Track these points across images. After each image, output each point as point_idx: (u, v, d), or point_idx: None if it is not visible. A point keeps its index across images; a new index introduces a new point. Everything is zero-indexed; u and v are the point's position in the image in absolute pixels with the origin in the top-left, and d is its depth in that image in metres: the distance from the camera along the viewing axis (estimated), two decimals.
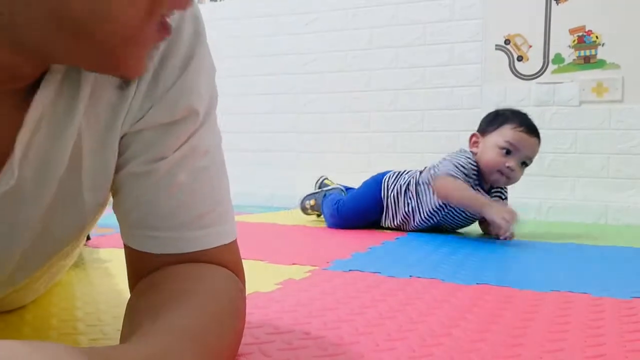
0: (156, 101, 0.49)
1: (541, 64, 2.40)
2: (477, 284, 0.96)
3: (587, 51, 2.33)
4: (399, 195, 1.77)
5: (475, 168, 1.66)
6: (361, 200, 1.84)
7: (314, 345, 0.60)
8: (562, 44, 2.37)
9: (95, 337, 0.61)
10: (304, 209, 2.06)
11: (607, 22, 2.30)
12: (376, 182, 1.85)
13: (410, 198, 1.75)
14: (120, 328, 0.48)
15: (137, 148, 0.50)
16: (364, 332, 0.65)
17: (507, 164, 1.61)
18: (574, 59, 2.35)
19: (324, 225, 1.92)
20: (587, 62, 2.33)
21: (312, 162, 2.77)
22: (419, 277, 1.01)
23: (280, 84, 2.84)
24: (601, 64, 2.31)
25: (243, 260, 0.58)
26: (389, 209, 1.79)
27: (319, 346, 0.59)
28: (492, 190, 1.74)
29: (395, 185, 1.79)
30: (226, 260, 0.54)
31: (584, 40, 2.34)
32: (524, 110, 2.37)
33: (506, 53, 2.45)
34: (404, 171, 1.84)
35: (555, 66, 2.38)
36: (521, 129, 1.61)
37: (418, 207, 1.73)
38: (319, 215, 2.03)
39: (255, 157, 2.89)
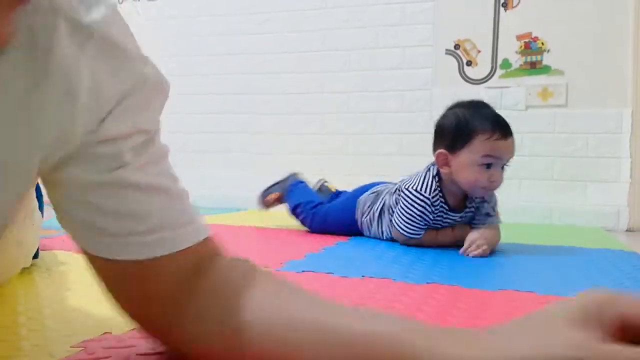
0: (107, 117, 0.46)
1: (489, 69, 2.47)
2: (427, 283, 0.98)
3: (533, 57, 2.41)
4: (372, 222, 1.64)
5: (438, 196, 1.46)
6: (335, 218, 1.73)
7: None
8: (509, 49, 2.44)
9: (37, 343, 0.59)
10: (266, 203, 1.95)
11: (553, 29, 2.38)
12: (353, 201, 1.72)
13: (381, 223, 1.61)
14: (66, 333, 0.46)
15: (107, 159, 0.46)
16: None
17: (490, 179, 1.41)
18: (520, 65, 2.42)
19: (276, 226, 1.91)
20: (533, 67, 2.40)
21: (265, 163, 2.75)
22: (371, 277, 1.01)
23: (233, 84, 2.82)
24: (546, 69, 2.39)
25: None
26: (363, 230, 1.68)
27: None
28: (470, 203, 1.51)
29: (369, 211, 1.65)
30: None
31: (531, 46, 2.41)
32: None
33: (456, 58, 2.50)
34: (379, 194, 1.66)
35: (503, 71, 2.45)
36: (496, 136, 1.39)
37: (383, 228, 1.61)
38: (280, 202, 1.93)
39: (206, 158, 2.85)
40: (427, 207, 1.45)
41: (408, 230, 1.47)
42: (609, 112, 2.32)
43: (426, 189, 1.46)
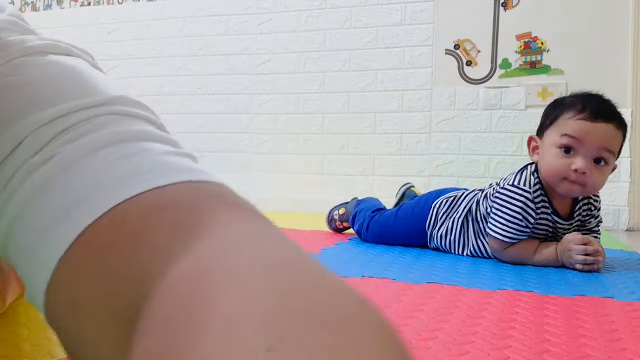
0: None
1: (489, 69, 2.46)
2: (427, 283, 0.98)
3: (533, 57, 2.40)
4: (450, 233, 1.39)
5: (539, 193, 1.23)
6: (400, 225, 1.49)
7: None
8: (509, 49, 2.44)
9: (37, 343, 0.59)
10: (330, 221, 1.74)
11: (552, 29, 2.38)
12: (423, 208, 1.46)
13: (466, 235, 1.37)
14: None
15: None
16: None
17: (572, 167, 1.15)
18: (520, 64, 2.42)
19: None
20: (533, 67, 2.40)
21: (265, 163, 2.75)
22: (371, 277, 1.01)
23: (233, 84, 2.82)
24: (546, 69, 2.39)
25: None
26: (433, 242, 1.44)
27: None
28: (578, 209, 1.26)
29: (445, 221, 1.40)
30: None
31: (530, 46, 2.41)
32: (472, 113, 2.43)
33: (455, 57, 2.50)
34: (459, 198, 1.41)
35: (503, 71, 2.44)
36: (582, 115, 1.16)
37: (467, 241, 1.37)
38: (346, 229, 1.73)
39: (207, 158, 2.85)
40: (529, 203, 1.21)
41: (508, 234, 1.22)
42: None
43: (525, 183, 1.23)
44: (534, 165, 1.26)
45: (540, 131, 1.28)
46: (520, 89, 2.41)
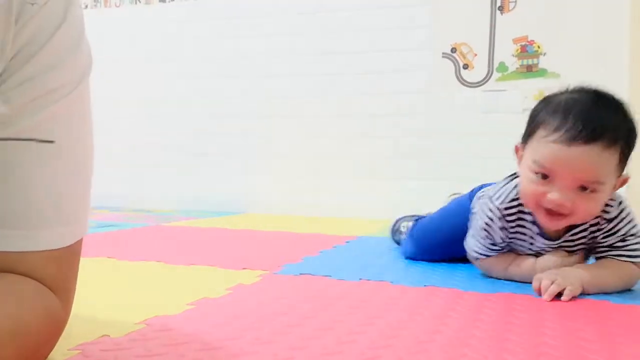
0: None
1: (486, 72, 2.47)
2: (424, 286, 0.98)
3: (529, 60, 2.41)
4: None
5: (517, 210, 1.04)
6: (443, 225, 1.29)
7: (264, 351, 0.59)
8: (506, 53, 2.44)
9: None
10: (395, 232, 1.52)
11: (548, 32, 2.39)
12: (465, 203, 1.23)
13: None
14: (63, 336, 0.46)
15: None
16: (313, 336, 0.65)
17: (548, 196, 0.93)
18: (517, 68, 2.43)
19: (274, 229, 1.91)
20: (530, 70, 2.41)
21: (262, 166, 2.75)
22: (368, 280, 1.02)
23: (230, 87, 2.82)
24: (543, 72, 2.39)
25: (194, 266, 0.57)
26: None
27: (270, 352, 0.59)
28: (573, 234, 1.03)
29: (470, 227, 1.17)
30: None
31: (527, 49, 2.42)
32: (469, 116, 2.43)
33: (452, 61, 2.51)
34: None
35: (499, 74, 2.45)
36: (556, 136, 0.92)
37: None
38: None
39: (205, 161, 2.85)
40: (496, 221, 1.04)
41: (475, 248, 1.09)
42: None
43: (499, 197, 1.05)
44: (501, 198, 1.05)
45: (524, 139, 1.03)
46: (517, 93, 2.42)
